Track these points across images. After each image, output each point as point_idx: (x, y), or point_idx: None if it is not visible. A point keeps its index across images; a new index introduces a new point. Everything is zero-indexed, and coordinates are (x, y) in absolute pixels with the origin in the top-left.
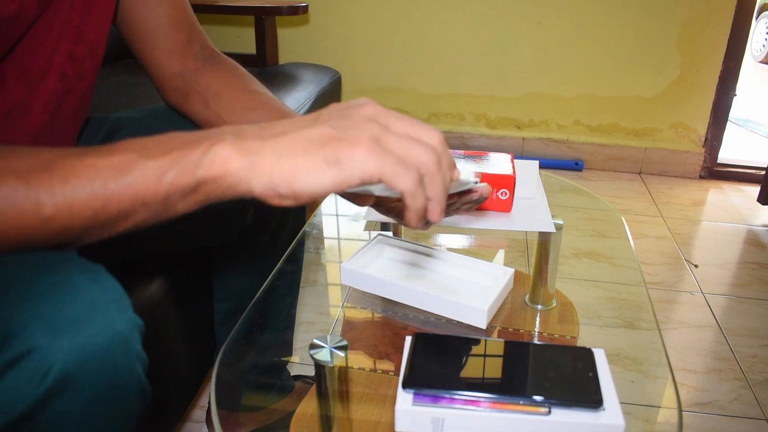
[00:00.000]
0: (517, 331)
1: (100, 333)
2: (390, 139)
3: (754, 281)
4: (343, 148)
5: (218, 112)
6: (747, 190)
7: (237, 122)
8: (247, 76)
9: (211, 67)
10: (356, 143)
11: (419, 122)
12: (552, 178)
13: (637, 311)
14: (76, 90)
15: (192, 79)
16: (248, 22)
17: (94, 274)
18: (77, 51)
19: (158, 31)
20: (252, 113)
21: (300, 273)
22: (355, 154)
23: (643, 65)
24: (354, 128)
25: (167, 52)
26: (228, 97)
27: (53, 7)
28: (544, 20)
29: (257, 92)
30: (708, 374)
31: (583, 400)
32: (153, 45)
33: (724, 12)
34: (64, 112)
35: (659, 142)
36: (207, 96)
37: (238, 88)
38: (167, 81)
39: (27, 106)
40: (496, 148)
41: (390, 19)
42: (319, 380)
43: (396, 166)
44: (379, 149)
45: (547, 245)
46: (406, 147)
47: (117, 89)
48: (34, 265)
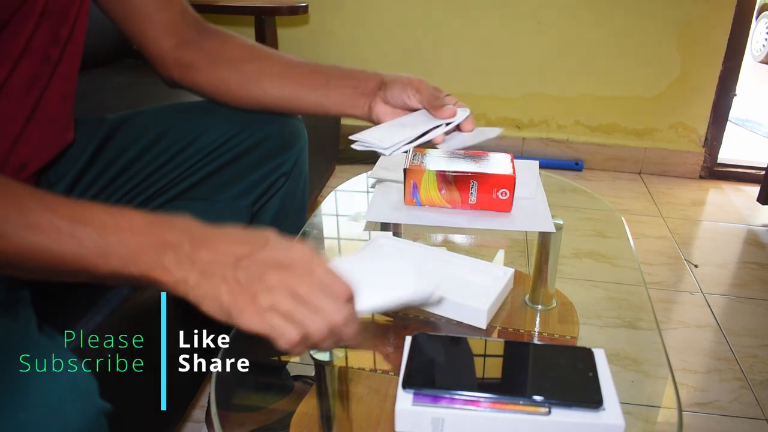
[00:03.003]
0: (517, 331)
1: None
2: (285, 304)
3: (754, 281)
4: (238, 304)
5: (227, 70)
6: (747, 190)
7: (248, 75)
8: (240, 36)
9: (207, 33)
10: (250, 304)
11: (329, 292)
12: (552, 178)
13: (637, 311)
14: (59, 73)
15: (190, 49)
16: (248, 22)
17: (52, 361)
18: (60, 33)
19: (149, 7)
20: (261, 64)
21: None
22: (244, 314)
23: (643, 65)
24: (258, 289)
25: (161, 27)
26: (233, 55)
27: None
28: (544, 20)
29: (257, 47)
30: (708, 374)
31: (583, 400)
32: (146, 23)
33: (724, 12)
34: (49, 96)
35: (659, 142)
36: (210, 58)
37: (234, 44)
38: (166, 56)
39: (8, 89)
40: (496, 148)
41: (390, 19)
42: (319, 380)
43: (280, 328)
44: (268, 313)
45: (547, 245)
46: (297, 313)
47: (117, 89)
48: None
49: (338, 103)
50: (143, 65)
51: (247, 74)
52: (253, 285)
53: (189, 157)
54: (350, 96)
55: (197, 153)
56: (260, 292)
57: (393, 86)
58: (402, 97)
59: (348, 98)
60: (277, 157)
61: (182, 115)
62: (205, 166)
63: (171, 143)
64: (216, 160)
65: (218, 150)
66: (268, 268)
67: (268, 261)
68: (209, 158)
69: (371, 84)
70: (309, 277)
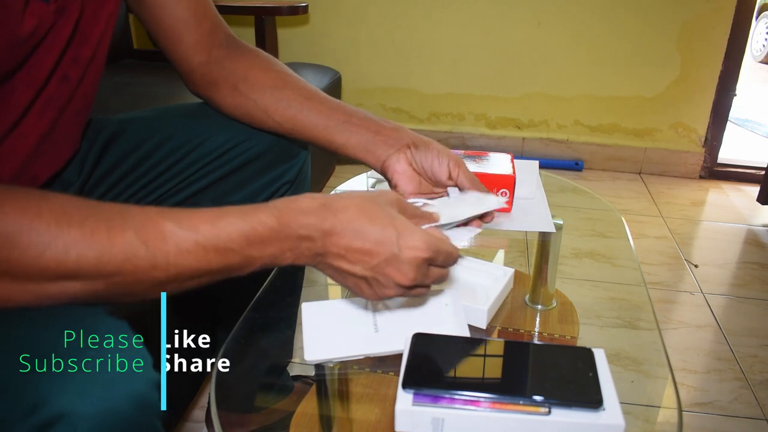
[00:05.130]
0: (517, 331)
1: (125, 397)
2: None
3: (754, 281)
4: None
5: (247, 94)
6: (747, 190)
7: (266, 102)
8: (270, 58)
9: (236, 52)
10: (372, 295)
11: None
12: (552, 178)
13: (637, 311)
14: (78, 92)
15: (218, 67)
16: (248, 22)
17: (119, 333)
18: (81, 55)
19: (180, 24)
20: (280, 92)
21: (303, 272)
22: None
23: (643, 65)
24: (382, 293)
25: (192, 44)
26: (256, 79)
27: (65, 15)
28: (544, 20)
29: (283, 72)
30: (708, 374)
31: (583, 400)
32: (177, 39)
33: (724, 12)
34: (65, 115)
35: (659, 142)
36: (235, 80)
37: (264, 69)
38: (194, 72)
39: (31, 112)
40: (496, 148)
41: (390, 19)
42: (319, 380)
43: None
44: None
45: (547, 245)
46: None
47: (117, 89)
48: (62, 323)
49: (354, 145)
50: (143, 65)
51: (264, 101)
52: (378, 290)
53: (192, 163)
54: (369, 141)
55: (201, 159)
56: (383, 293)
57: (427, 150)
58: (433, 165)
59: (366, 143)
60: (281, 165)
61: (186, 119)
62: (210, 173)
63: (174, 148)
64: (220, 168)
65: (223, 157)
66: (390, 280)
67: (392, 274)
68: (213, 165)
69: (397, 137)
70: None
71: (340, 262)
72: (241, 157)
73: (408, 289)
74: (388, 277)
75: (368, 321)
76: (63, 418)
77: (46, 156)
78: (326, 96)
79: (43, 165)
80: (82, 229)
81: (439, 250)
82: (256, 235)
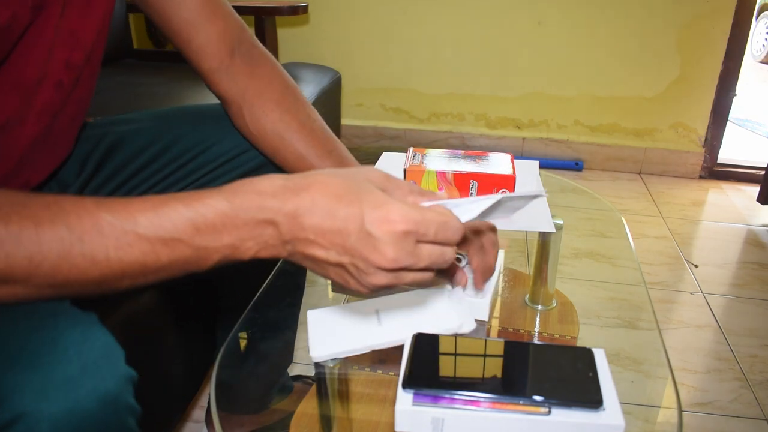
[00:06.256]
0: (517, 331)
1: (90, 395)
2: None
3: (754, 281)
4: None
5: (251, 126)
6: (747, 190)
7: (267, 142)
8: (283, 85)
9: (248, 67)
10: (355, 285)
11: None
12: (552, 178)
13: (637, 311)
14: (73, 98)
15: (228, 79)
16: (248, 22)
17: (85, 327)
18: (73, 58)
19: (188, 25)
20: (280, 141)
21: (304, 272)
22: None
23: (643, 65)
24: (364, 283)
25: (201, 46)
26: (261, 113)
27: (45, 13)
28: (544, 20)
29: (289, 112)
30: (708, 374)
31: (583, 400)
32: (187, 40)
33: (724, 12)
34: (60, 120)
35: (659, 142)
36: (242, 106)
37: (272, 102)
38: (205, 77)
39: (21, 117)
40: (496, 148)
41: (390, 19)
42: (319, 380)
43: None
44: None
45: (547, 245)
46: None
47: (117, 89)
48: (25, 318)
49: None
50: (143, 65)
51: (273, 143)
52: (361, 278)
53: (198, 168)
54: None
55: (207, 164)
56: (368, 282)
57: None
58: None
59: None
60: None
61: (193, 124)
62: (215, 179)
63: (180, 153)
64: (226, 174)
65: (229, 164)
66: (369, 264)
67: (368, 256)
68: (219, 171)
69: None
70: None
71: (312, 248)
72: (248, 165)
73: (394, 273)
74: (367, 261)
75: (371, 316)
76: (22, 418)
77: (39, 161)
78: (321, 128)
79: (35, 170)
80: (7, 227)
81: (425, 221)
82: (206, 222)
